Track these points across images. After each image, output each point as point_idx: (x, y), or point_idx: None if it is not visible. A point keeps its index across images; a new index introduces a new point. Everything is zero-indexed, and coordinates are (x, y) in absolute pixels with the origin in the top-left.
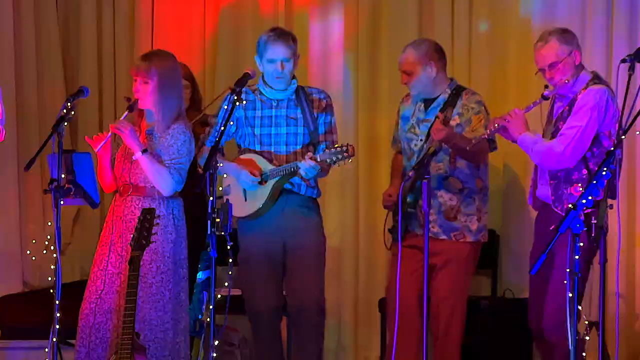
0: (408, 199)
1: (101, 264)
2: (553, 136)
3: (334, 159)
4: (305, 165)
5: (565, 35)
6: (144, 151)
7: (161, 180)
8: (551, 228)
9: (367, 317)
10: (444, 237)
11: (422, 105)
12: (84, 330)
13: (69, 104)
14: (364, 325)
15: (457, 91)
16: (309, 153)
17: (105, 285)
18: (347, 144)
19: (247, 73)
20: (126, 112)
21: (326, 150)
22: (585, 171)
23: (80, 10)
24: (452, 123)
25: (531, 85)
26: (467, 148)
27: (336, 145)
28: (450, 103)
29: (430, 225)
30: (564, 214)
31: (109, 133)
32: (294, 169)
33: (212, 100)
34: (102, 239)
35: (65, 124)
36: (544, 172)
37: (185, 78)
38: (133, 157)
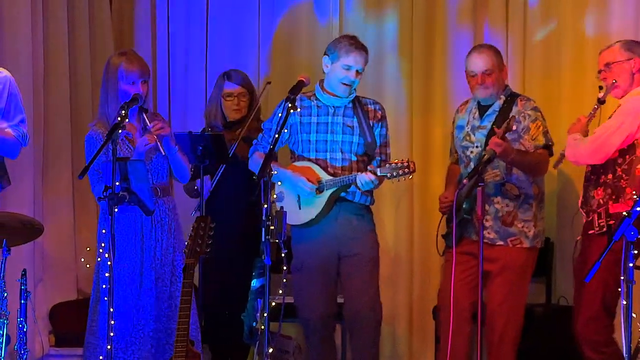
0: (464, 206)
1: (137, 268)
2: None
3: (394, 174)
4: (365, 178)
5: (630, 43)
6: None
7: (186, 171)
8: (589, 232)
9: (422, 324)
10: (500, 242)
11: (477, 112)
12: (117, 332)
13: (123, 111)
14: (418, 332)
15: (512, 98)
16: (370, 166)
17: (143, 290)
18: (408, 159)
19: (302, 80)
20: (143, 115)
21: (387, 165)
22: (610, 175)
23: (134, 17)
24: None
25: (585, 94)
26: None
27: (397, 161)
28: (505, 110)
29: (486, 232)
30: (588, 218)
31: (155, 136)
32: (351, 180)
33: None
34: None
35: (120, 131)
36: None
37: (244, 86)
38: (171, 154)
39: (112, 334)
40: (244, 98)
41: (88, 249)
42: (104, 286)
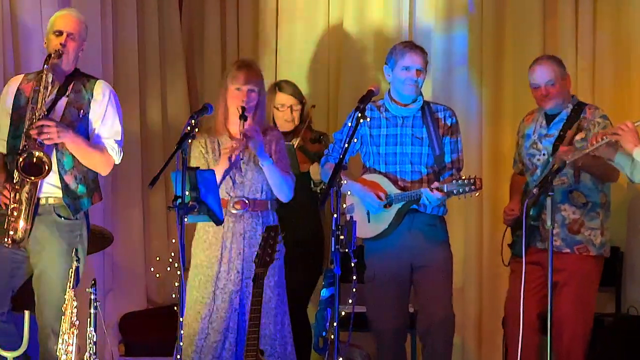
0: (531, 213)
1: (220, 282)
2: None
3: (460, 190)
4: (431, 195)
5: None
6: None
7: (284, 187)
8: None
9: (491, 335)
10: (566, 250)
11: (544, 121)
12: (198, 346)
13: (192, 120)
14: (487, 342)
15: (579, 107)
16: (435, 183)
17: (223, 303)
18: (475, 176)
19: (371, 90)
20: (241, 122)
21: (453, 181)
22: None
23: (203, 26)
24: (577, 137)
25: None
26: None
27: (464, 177)
28: (572, 118)
29: (552, 239)
30: None
31: (242, 140)
32: (418, 195)
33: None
34: (212, 256)
35: (190, 140)
36: None
37: (296, 97)
38: (262, 165)
39: (181, 344)
40: (296, 108)
41: (158, 258)
42: (174, 295)
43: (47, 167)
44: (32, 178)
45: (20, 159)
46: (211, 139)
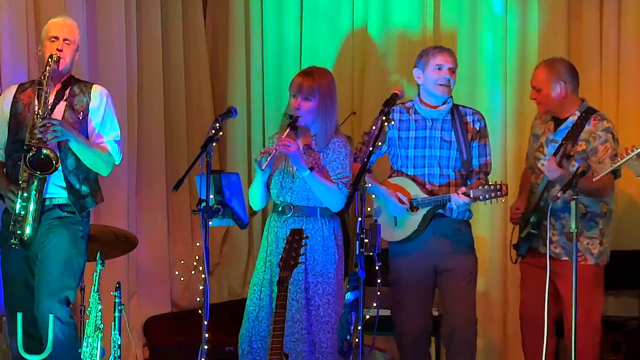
0: (531, 219)
1: (265, 288)
2: None
3: (487, 196)
4: (458, 200)
5: None
6: (311, 169)
7: (331, 196)
8: None
9: (516, 337)
10: (565, 258)
11: (552, 124)
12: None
13: (217, 124)
14: (512, 344)
15: (587, 114)
16: (462, 188)
17: (268, 308)
18: (502, 182)
19: (396, 93)
20: (287, 130)
21: (480, 187)
22: None
23: (228, 29)
24: (578, 149)
25: None
26: (593, 179)
27: (490, 183)
28: (577, 127)
29: (552, 246)
30: None
31: (274, 150)
32: (445, 200)
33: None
34: (263, 261)
35: (214, 144)
36: None
37: None
38: (301, 175)
39: (205, 347)
40: None
41: (182, 261)
42: (198, 299)
43: (55, 163)
44: (41, 173)
45: (28, 155)
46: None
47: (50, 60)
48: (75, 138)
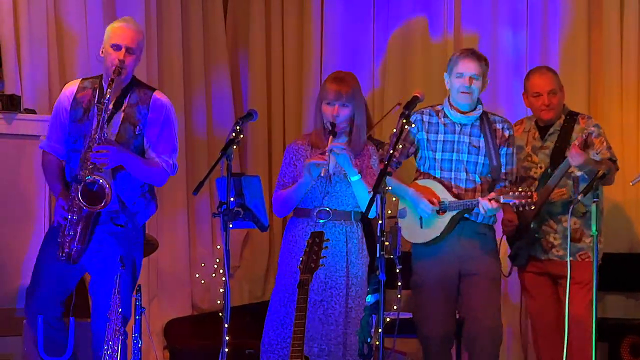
0: (532, 225)
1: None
2: None
3: (517, 203)
4: (487, 205)
5: None
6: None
7: (365, 201)
8: None
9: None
10: (570, 258)
11: (537, 132)
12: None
13: (237, 127)
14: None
15: (572, 116)
16: (491, 194)
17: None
18: (532, 190)
19: (416, 96)
20: (330, 138)
21: (510, 193)
22: None
23: (248, 33)
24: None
25: None
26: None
27: (520, 190)
28: (566, 128)
29: (554, 250)
30: None
31: (327, 156)
32: (474, 205)
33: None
34: (286, 267)
35: (234, 146)
36: None
37: None
38: (350, 180)
39: (226, 350)
40: None
41: (203, 264)
42: (219, 301)
43: (106, 199)
44: (91, 207)
45: (81, 187)
46: (305, 147)
47: (113, 74)
48: (127, 161)
